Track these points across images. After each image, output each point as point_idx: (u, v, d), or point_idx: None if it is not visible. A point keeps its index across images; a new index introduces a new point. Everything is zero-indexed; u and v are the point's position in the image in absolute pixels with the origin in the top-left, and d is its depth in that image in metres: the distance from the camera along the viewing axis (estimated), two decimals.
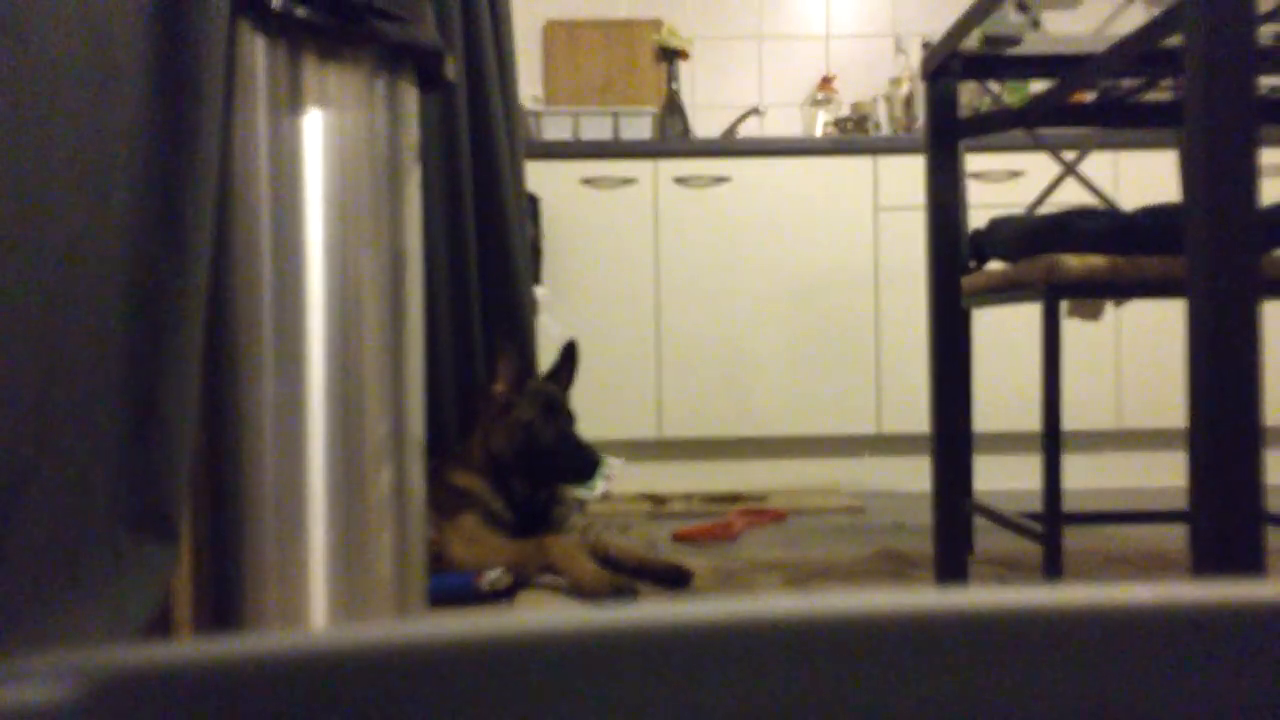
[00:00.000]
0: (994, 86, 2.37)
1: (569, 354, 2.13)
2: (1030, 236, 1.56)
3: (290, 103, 1.29)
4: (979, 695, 0.26)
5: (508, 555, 1.80)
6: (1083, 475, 2.96)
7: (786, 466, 3.01)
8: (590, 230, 2.94)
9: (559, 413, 2.02)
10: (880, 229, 2.96)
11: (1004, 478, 2.94)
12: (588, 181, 2.95)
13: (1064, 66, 1.67)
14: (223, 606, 1.27)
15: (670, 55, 3.40)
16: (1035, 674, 0.26)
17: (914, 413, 2.87)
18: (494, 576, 1.74)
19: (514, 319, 2.24)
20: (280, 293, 1.28)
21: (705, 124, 3.48)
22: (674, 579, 1.81)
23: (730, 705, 0.25)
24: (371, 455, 1.35)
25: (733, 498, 2.79)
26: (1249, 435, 1.01)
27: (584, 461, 1.97)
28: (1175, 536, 2.08)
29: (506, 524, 1.94)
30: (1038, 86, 2.85)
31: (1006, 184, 2.93)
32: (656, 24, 3.44)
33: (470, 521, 1.89)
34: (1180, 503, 1.89)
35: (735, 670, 0.26)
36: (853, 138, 3.06)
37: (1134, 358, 2.94)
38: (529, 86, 3.40)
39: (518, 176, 2.35)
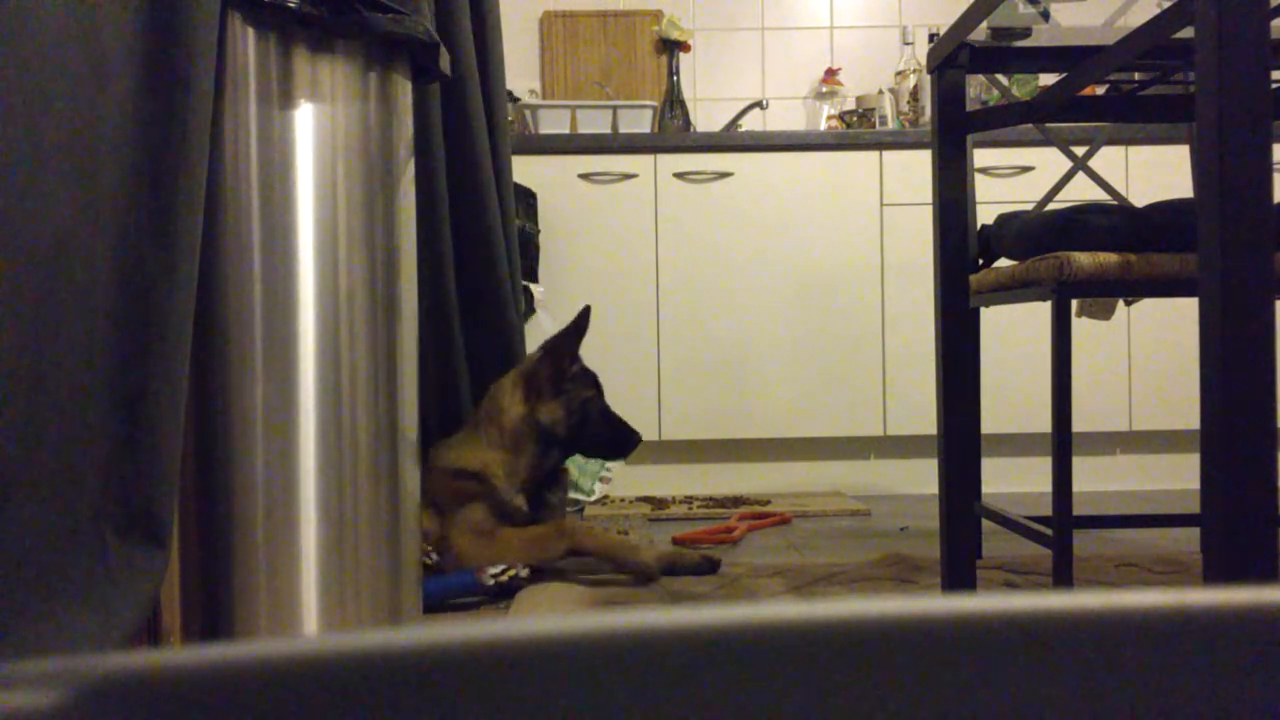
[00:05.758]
0: (1002, 79, 2.34)
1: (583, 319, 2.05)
2: (1039, 233, 1.54)
3: (281, 96, 1.27)
4: (987, 703, 0.26)
5: (524, 548, 1.70)
6: (1093, 478, 2.94)
7: (789, 469, 2.99)
8: (588, 227, 2.92)
9: (600, 391, 2.05)
10: (886, 225, 2.93)
11: (1013, 480, 2.91)
12: (586, 177, 2.92)
13: (1074, 59, 1.64)
14: (212, 612, 1.26)
15: (671, 47, 3.37)
16: (1045, 681, 0.26)
17: (920, 414, 2.85)
18: (497, 570, 1.64)
19: (499, 319, 2.20)
20: (271, 291, 1.26)
21: (706, 118, 3.46)
22: (703, 568, 1.81)
23: (732, 713, 0.25)
24: (364, 457, 1.33)
25: (735, 501, 2.76)
26: (1263, 437, 0.99)
27: (627, 437, 2.03)
28: (1187, 541, 2.06)
29: (515, 511, 1.84)
30: (1047, 80, 2.83)
31: (1015, 179, 2.90)
32: (657, 15, 3.42)
33: (478, 514, 1.78)
34: (1192, 506, 1.86)
35: (737, 679, 0.25)
36: (857, 132, 3.03)
37: (1146, 358, 2.92)
38: (525, 79, 3.37)
39: (504, 173, 2.29)
